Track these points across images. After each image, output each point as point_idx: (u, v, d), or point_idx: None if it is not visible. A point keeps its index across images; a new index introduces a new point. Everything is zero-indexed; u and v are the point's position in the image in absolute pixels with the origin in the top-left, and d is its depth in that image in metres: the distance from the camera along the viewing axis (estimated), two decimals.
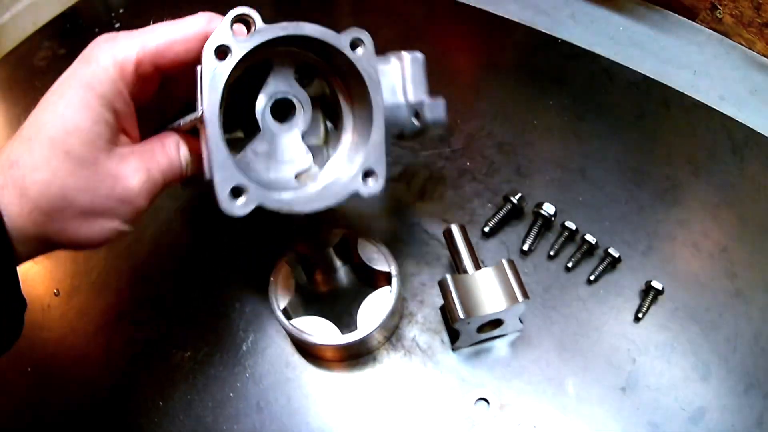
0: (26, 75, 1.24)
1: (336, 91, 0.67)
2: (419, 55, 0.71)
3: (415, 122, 0.70)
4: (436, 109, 0.70)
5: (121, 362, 0.83)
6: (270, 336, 0.82)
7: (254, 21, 0.57)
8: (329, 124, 0.70)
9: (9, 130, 1.15)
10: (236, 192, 0.55)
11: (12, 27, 1.35)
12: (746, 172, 0.97)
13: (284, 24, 0.58)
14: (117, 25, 1.29)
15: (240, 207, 0.55)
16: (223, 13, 0.58)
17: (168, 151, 0.61)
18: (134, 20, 1.30)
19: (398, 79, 0.69)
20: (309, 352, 0.80)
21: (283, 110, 0.64)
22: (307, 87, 0.66)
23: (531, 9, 1.19)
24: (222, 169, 0.55)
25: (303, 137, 0.65)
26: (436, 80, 0.70)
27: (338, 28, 0.61)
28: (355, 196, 0.62)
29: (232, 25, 0.57)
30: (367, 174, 0.63)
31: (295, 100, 0.64)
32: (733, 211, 0.93)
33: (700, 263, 0.88)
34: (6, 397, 0.81)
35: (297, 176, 0.65)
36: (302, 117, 0.65)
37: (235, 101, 0.61)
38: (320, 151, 0.68)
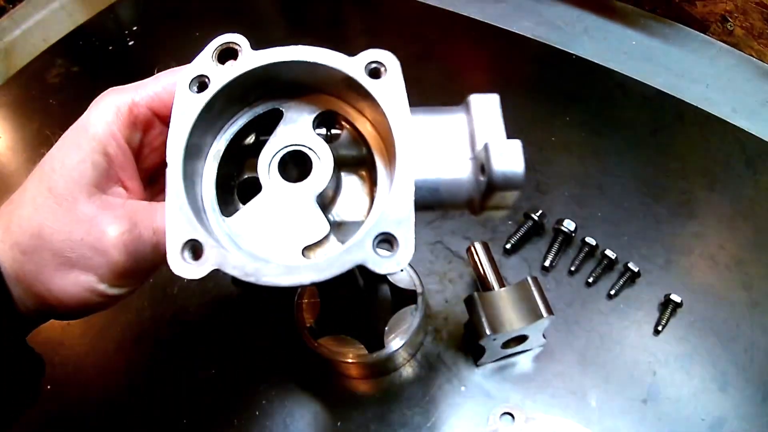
0: (40, 92, 1.25)
1: (371, 147, 0.52)
2: (493, 96, 0.52)
3: (482, 179, 0.47)
4: (507, 156, 0.46)
5: (142, 381, 0.84)
6: (294, 353, 0.83)
7: (242, 48, 0.49)
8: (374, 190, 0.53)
9: (23, 146, 1.17)
10: (192, 249, 0.44)
11: (22, 43, 1.35)
12: (760, 184, 0.98)
13: (276, 49, 0.49)
14: (131, 43, 1.30)
15: (192, 268, 0.43)
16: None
17: None
18: (147, 38, 1.31)
19: (463, 129, 0.51)
20: (335, 369, 0.81)
21: (299, 166, 0.52)
22: (335, 141, 0.54)
23: (545, 25, 1.20)
24: (175, 217, 0.45)
25: (320, 201, 0.50)
26: (451, 99, 0.68)
27: (353, 51, 0.50)
28: (363, 271, 0.45)
29: (215, 55, 0.49)
30: (384, 240, 0.44)
31: (310, 153, 0.51)
32: (749, 223, 0.94)
33: (717, 275, 0.89)
34: (24, 417, 0.81)
35: (306, 250, 0.49)
36: (319, 174, 0.50)
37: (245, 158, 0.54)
38: (357, 229, 0.50)
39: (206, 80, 0.48)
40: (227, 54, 0.49)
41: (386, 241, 0.44)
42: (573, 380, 0.80)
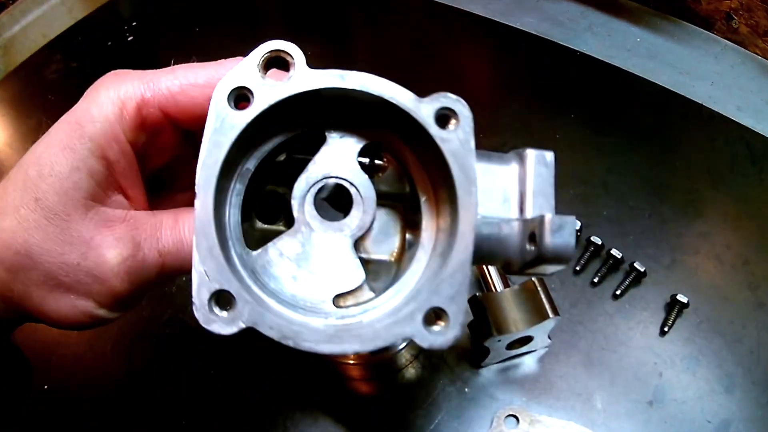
0: (39, 88, 1.24)
1: (417, 187, 0.48)
2: (549, 154, 0.48)
3: (530, 248, 0.45)
4: (561, 232, 0.44)
5: (140, 381, 0.83)
6: (295, 354, 0.81)
7: (294, 62, 0.42)
8: (408, 236, 0.50)
9: (22, 143, 1.15)
10: (221, 301, 0.40)
11: (22, 39, 1.34)
12: (766, 183, 0.97)
13: (339, 72, 0.43)
14: (130, 38, 1.28)
15: (221, 323, 0.39)
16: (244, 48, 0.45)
17: (180, 229, 0.47)
18: (146, 33, 1.29)
19: (514, 185, 0.47)
20: (337, 371, 0.80)
21: (338, 202, 0.48)
22: (377, 175, 0.49)
23: (548, 21, 1.19)
24: (204, 262, 0.40)
25: (356, 244, 0.46)
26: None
27: (354, 47, 0.45)
28: (409, 344, 0.44)
29: (261, 64, 0.42)
30: (433, 315, 0.41)
31: (351, 189, 0.46)
32: (754, 222, 0.93)
33: (723, 276, 0.88)
34: (21, 418, 0.80)
35: (337, 297, 0.46)
36: (359, 216, 0.46)
37: (278, 182, 0.49)
38: (385, 269, 0.48)
39: (249, 95, 0.42)
40: (275, 64, 0.43)
41: (437, 315, 0.41)
42: (578, 382, 0.79)
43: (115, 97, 0.46)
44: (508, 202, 0.47)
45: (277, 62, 0.43)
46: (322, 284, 0.45)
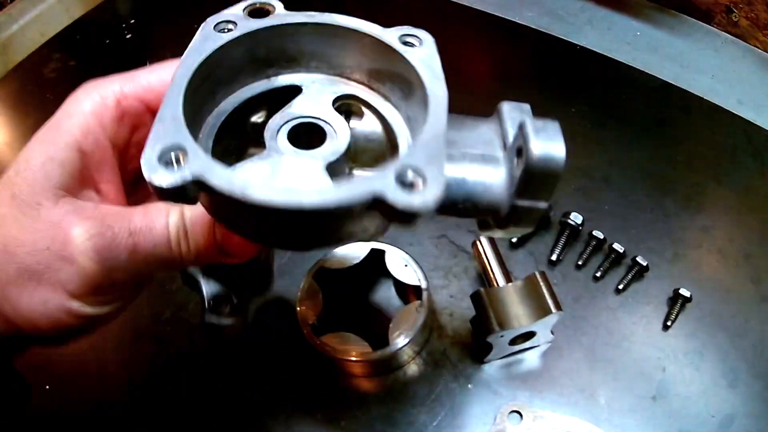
0: (37, 87, 1.23)
1: (392, 126, 0.49)
2: (524, 105, 0.49)
3: (517, 163, 0.42)
4: (546, 131, 0.42)
5: (141, 380, 0.83)
6: (296, 351, 0.81)
7: (275, 9, 0.47)
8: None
9: (21, 143, 1.14)
10: (173, 156, 0.37)
11: (20, 38, 1.34)
12: (767, 177, 0.97)
13: (310, 12, 0.47)
14: (128, 36, 1.28)
15: (167, 174, 0.35)
16: None
17: (149, 215, 0.46)
18: (145, 31, 1.29)
19: (494, 131, 0.47)
20: (339, 367, 0.79)
21: (311, 137, 0.47)
22: (352, 120, 0.50)
23: (548, 16, 1.19)
24: (164, 122, 0.38)
25: (331, 171, 0.45)
26: (454, 91, 0.65)
27: None
28: (380, 205, 0.36)
29: (246, 11, 0.47)
30: (409, 174, 0.37)
31: (326, 127, 0.47)
32: (756, 216, 0.93)
33: (726, 270, 0.88)
34: (22, 419, 0.79)
35: None
36: (332, 146, 0.45)
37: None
38: None
39: (233, 27, 0.45)
40: (258, 14, 0.47)
41: (413, 173, 0.37)
42: (581, 377, 0.78)
43: (94, 93, 0.47)
44: (491, 144, 0.46)
45: (259, 13, 0.47)
46: None
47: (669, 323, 0.82)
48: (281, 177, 0.43)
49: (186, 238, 0.46)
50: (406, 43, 0.46)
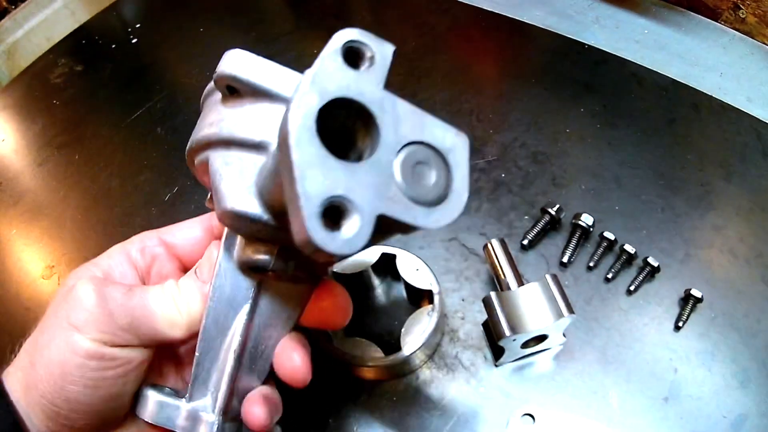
0: (43, 92, 1.24)
1: None
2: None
3: None
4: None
5: None
6: (315, 353, 0.81)
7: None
8: None
9: (28, 149, 1.15)
10: (334, 212, 0.33)
11: (26, 44, 1.35)
12: None
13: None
14: (134, 40, 1.28)
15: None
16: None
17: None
18: (151, 35, 1.29)
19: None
20: (351, 372, 0.79)
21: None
22: None
23: (556, 15, 1.18)
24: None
25: None
26: (462, 90, 0.65)
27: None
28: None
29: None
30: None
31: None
32: (766, 215, 0.92)
33: (737, 270, 0.87)
34: None
35: None
36: None
37: None
38: None
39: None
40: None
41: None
42: (594, 379, 0.78)
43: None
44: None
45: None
46: None
47: (680, 324, 0.81)
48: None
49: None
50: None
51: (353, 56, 0.38)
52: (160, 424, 0.53)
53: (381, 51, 0.39)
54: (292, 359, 0.56)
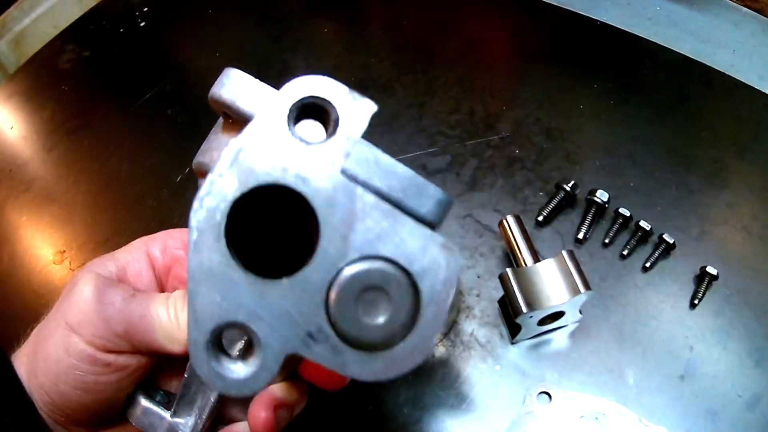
0: (51, 79, 1.23)
1: None
2: None
3: None
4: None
5: None
6: None
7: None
8: None
9: (37, 136, 1.15)
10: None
11: (33, 31, 1.34)
12: None
13: None
14: (142, 24, 1.27)
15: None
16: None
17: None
18: (159, 18, 1.28)
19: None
20: None
21: None
22: None
23: None
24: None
25: None
26: (475, 68, 0.64)
27: (369, 27, 0.37)
28: None
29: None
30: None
31: None
32: None
33: (752, 247, 0.87)
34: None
35: None
36: None
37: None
38: None
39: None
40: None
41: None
42: (610, 357, 0.78)
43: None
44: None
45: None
46: None
47: (696, 301, 0.81)
48: None
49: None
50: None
51: (309, 117, 0.30)
52: (143, 429, 0.53)
53: (351, 112, 0.29)
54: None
